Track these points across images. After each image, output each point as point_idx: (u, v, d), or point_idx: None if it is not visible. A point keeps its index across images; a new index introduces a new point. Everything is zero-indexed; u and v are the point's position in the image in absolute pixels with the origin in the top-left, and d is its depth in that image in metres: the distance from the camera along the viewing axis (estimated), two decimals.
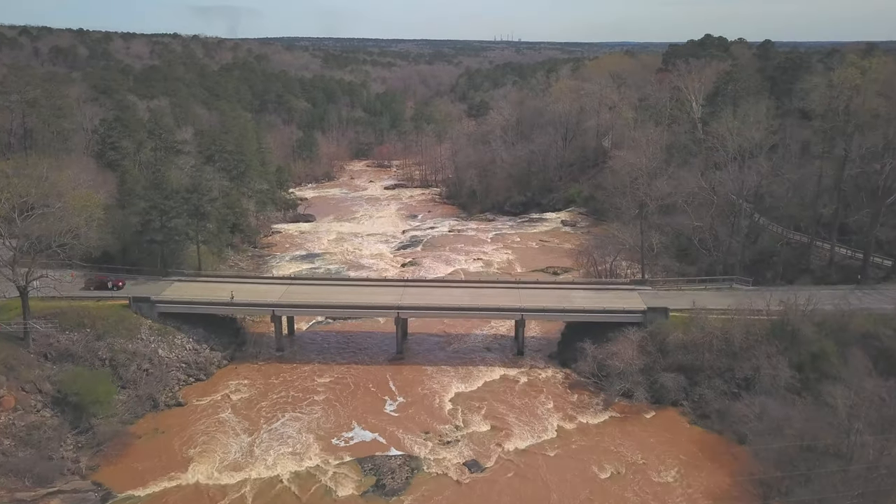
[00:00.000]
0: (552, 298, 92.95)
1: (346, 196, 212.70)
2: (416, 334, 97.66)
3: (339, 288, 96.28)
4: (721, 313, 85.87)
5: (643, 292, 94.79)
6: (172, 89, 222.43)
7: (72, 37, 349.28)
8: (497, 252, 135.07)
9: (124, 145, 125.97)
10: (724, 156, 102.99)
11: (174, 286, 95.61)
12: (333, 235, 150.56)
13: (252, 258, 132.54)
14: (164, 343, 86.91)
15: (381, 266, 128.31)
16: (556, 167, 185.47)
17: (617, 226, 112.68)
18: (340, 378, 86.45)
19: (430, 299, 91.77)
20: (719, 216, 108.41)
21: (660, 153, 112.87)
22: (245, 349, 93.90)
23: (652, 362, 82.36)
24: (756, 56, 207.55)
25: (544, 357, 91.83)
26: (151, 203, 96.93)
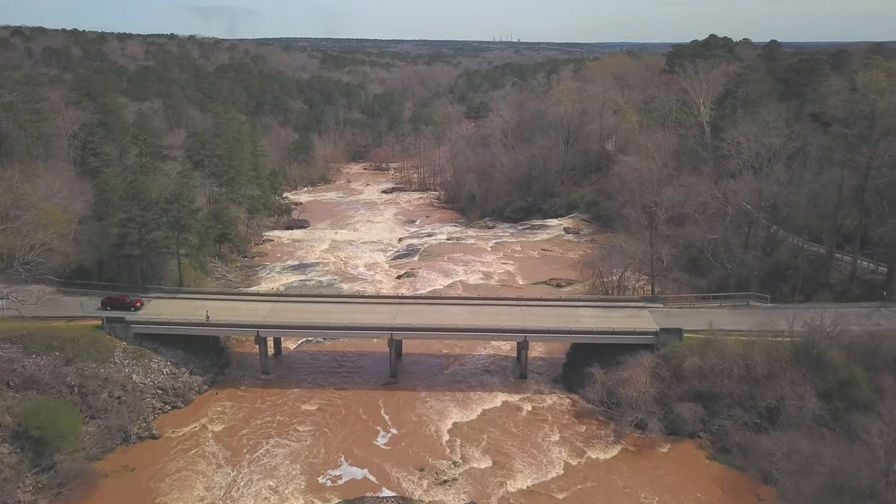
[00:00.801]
0: (557, 317, 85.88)
1: (342, 200, 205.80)
2: (411, 354, 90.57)
3: (329, 305, 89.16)
4: (739, 334, 79.05)
5: (654, 310, 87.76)
6: (166, 91, 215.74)
7: (66, 37, 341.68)
8: (497, 262, 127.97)
9: (106, 151, 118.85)
10: (740, 163, 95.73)
11: (153, 304, 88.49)
12: (327, 244, 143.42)
13: (241, 269, 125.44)
14: (140, 367, 79.76)
15: (376, 277, 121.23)
16: (557, 171, 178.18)
17: (624, 237, 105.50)
18: (329, 404, 79.43)
19: (425, 319, 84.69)
20: (732, 227, 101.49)
21: (670, 160, 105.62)
22: (228, 371, 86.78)
23: (666, 389, 75.31)
24: (761, 57, 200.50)
25: (549, 381, 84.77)
26: (128, 215, 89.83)
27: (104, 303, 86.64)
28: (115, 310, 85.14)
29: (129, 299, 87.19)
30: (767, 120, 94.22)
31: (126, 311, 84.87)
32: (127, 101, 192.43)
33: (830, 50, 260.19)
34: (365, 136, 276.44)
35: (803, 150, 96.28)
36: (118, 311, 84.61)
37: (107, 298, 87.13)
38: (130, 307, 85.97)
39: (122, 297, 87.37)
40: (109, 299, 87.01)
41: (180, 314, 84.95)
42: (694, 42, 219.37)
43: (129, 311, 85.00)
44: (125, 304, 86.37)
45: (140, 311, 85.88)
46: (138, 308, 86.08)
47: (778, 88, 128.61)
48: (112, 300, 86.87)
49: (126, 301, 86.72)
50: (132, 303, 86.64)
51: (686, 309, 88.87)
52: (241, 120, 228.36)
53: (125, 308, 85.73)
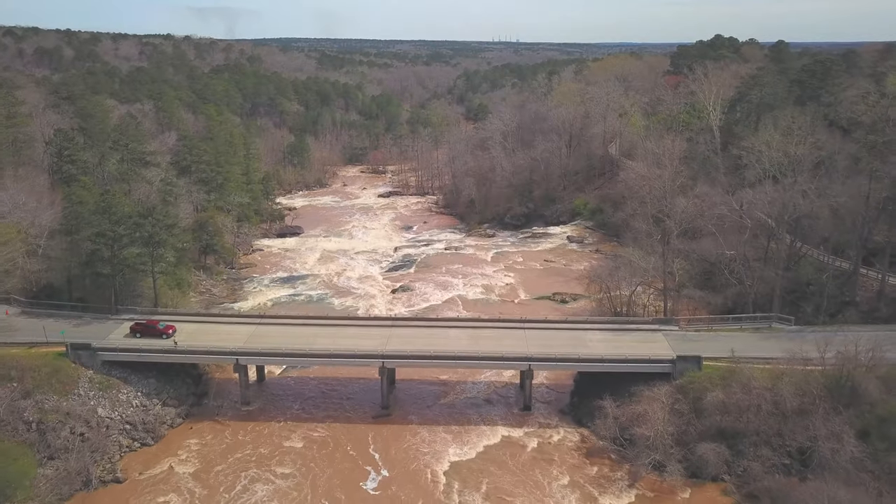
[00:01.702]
0: (564, 341, 78.01)
1: (337, 205, 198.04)
2: (405, 381, 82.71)
3: (316, 329, 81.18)
4: (764, 363, 71.34)
5: (669, 333, 80.00)
6: (158, 92, 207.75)
7: (58, 37, 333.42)
8: (498, 274, 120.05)
9: (83, 158, 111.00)
10: (760, 173, 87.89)
11: (124, 327, 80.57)
12: (318, 254, 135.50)
13: (227, 282, 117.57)
14: (106, 399, 71.93)
15: (370, 292, 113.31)
16: (559, 176, 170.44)
17: (633, 250, 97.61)
18: (315, 439, 71.67)
19: (420, 344, 76.75)
20: (750, 240, 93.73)
21: (683, 170, 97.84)
22: (206, 401, 78.83)
23: (685, 425, 67.56)
24: (769, 58, 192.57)
25: (555, 412, 76.90)
26: (99, 230, 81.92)
27: (133, 330, 78.57)
28: (145, 337, 77.47)
29: (160, 326, 78.77)
30: (792, 127, 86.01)
31: (158, 340, 77.14)
32: (116, 103, 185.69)
33: (839, 50, 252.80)
34: (362, 138, 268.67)
35: (829, 158, 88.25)
36: (149, 340, 77.12)
37: (135, 325, 78.88)
38: (162, 335, 77.79)
39: (152, 324, 78.96)
40: (138, 326, 78.74)
41: (153, 339, 77.07)
42: (699, 42, 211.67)
43: (161, 339, 77.25)
44: (156, 331, 78.11)
45: (143, 336, 78.43)
46: (170, 335, 77.92)
47: (793, 92, 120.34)
48: (141, 327, 78.53)
49: (157, 328, 78.38)
50: (164, 330, 78.29)
51: (703, 332, 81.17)
52: (234, 122, 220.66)
53: (157, 336, 77.69)
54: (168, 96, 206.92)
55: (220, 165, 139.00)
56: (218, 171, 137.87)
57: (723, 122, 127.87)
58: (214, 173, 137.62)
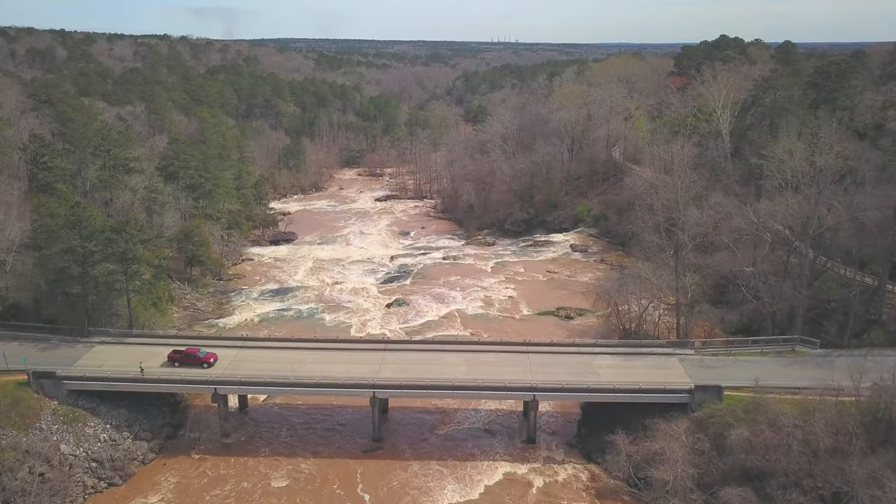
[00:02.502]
0: (571, 367, 71.23)
1: (333, 209, 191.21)
2: (398, 409, 75.77)
3: (303, 353, 74.20)
4: (791, 392, 64.68)
5: (684, 358, 73.25)
6: (150, 94, 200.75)
7: (52, 38, 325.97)
8: (498, 286, 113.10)
9: (61, 165, 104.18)
10: (781, 183, 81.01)
11: (95, 352, 73.79)
12: (311, 263, 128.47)
13: (213, 295, 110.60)
14: (71, 434, 65.09)
15: (363, 305, 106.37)
16: (561, 181, 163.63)
17: (642, 263, 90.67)
18: (301, 475, 65.01)
19: (415, 371, 69.91)
20: (767, 254, 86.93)
21: (697, 179, 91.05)
22: (182, 433, 71.90)
23: (706, 464, 60.76)
24: (775, 59, 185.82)
25: (562, 444, 70.06)
26: (68, 245, 75.01)
27: (171, 358, 71.45)
28: (184, 366, 70.40)
29: (201, 354, 71.65)
30: (817, 134, 79.00)
31: (198, 369, 70.38)
32: (105, 105, 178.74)
33: (845, 51, 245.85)
34: (359, 140, 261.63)
35: (854, 167, 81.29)
36: (189, 368, 70.27)
37: (174, 353, 71.70)
38: (202, 364, 70.84)
39: (191, 352, 71.86)
40: (176, 354, 71.58)
41: (124, 365, 70.26)
42: (703, 43, 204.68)
43: (202, 369, 70.48)
44: (196, 359, 71.15)
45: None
46: (211, 364, 71.07)
47: (809, 95, 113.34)
48: (179, 356, 71.41)
49: (197, 356, 71.29)
50: (204, 358, 71.24)
51: (722, 356, 74.41)
52: (228, 124, 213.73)
53: (196, 365, 70.73)
54: (161, 98, 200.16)
55: (208, 171, 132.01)
56: (206, 177, 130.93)
57: (733, 127, 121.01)
58: (203, 179, 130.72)
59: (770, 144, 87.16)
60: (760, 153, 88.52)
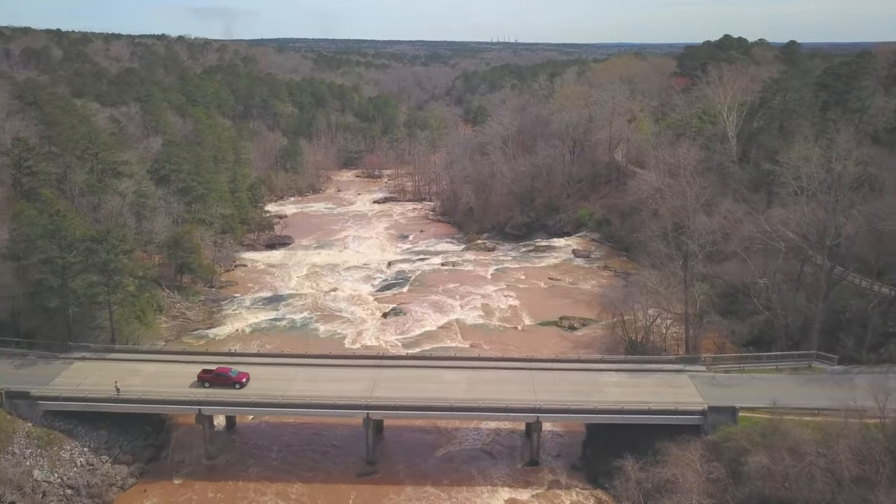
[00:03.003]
0: (575, 385, 67.12)
1: (330, 212, 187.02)
2: (394, 429, 71.55)
3: (292, 369, 70.07)
4: (810, 414, 60.61)
5: (695, 375, 69.10)
6: (146, 94, 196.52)
7: (48, 38, 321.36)
8: (499, 294, 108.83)
9: (46, 170, 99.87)
10: (797, 191, 76.85)
11: (73, 368, 69.63)
12: (305, 269, 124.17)
13: (204, 303, 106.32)
14: (46, 458, 60.91)
15: (359, 314, 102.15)
16: (562, 184, 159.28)
17: (649, 272, 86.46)
18: (291, 501, 60.76)
19: (411, 390, 65.74)
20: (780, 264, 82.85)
21: (707, 185, 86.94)
22: (166, 455, 67.54)
23: (721, 493, 56.67)
24: (780, 59, 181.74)
25: (566, 466, 65.89)
26: (46, 256, 70.82)
27: (201, 378, 66.95)
28: (215, 387, 65.99)
29: (232, 374, 67.11)
30: (835, 139, 74.74)
31: (230, 389, 66.06)
32: (99, 106, 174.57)
33: (849, 51, 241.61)
34: (357, 141, 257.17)
35: (876, 174, 77.12)
36: (220, 389, 65.92)
37: (202, 373, 67.15)
38: (235, 384, 66.43)
39: (222, 372, 67.15)
40: (206, 374, 67.01)
41: (105, 383, 66.01)
42: (706, 43, 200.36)
43: (234, 389, 66.17)
44: (228, 380, 66.66)
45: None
46: (244, 384, 66.76)
47: (820, 97, 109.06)
48: (210, 376, 66.81)
49: (228, 377, 66.82)
50: (236, 378, 66.82)
51: (734, 373, 70.26)
52: (224, 125, 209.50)
53: (228, 385, 66.27)
54: (156, 99, 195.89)
55: (199, 175, 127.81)
56: (199, 181, 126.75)
57: (740, 129, 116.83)
58: (195, 183, 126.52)
59: (783, 149, 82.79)
60: (774, 159, 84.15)
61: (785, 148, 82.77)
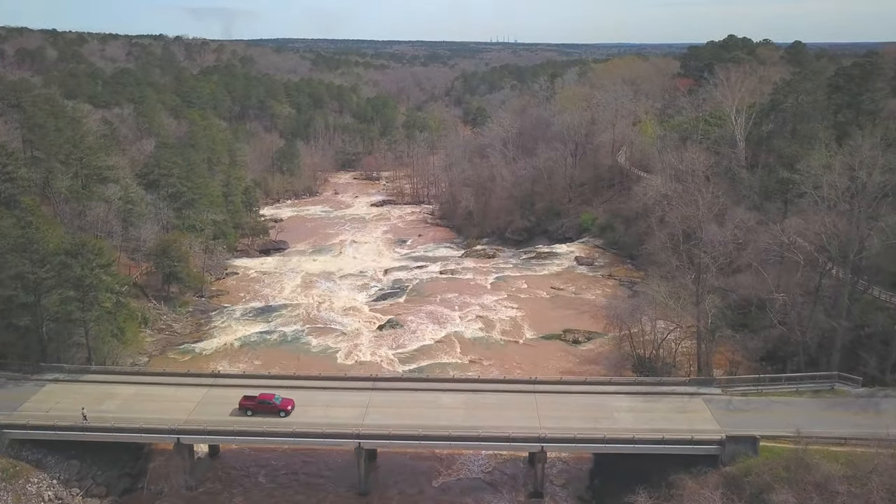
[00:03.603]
0: (583, 411, 62.09)
1: (327, 215, 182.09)
2: (388, 455, 66.47)
3: (280, 392, 64.77)
4: (836, 443, 55.70)
5: (711, 399, 64.10)
6: (140, 96, 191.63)
7: (43, 38, 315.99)
8: (499, 305, 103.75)
9: (26, 175, 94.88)
10: (817, 201, 71.80)
11: (45, 392, 64.60)
12: (299, 278, 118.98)
13: (192, 315, 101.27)
14: (10, 493, 55.83)
15: (353, 327, 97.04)
16: (564, 187, 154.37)
17: (658, 284, 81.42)
18: None
19: (406, 415, 60.80)
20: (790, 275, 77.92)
21: (720, 194, 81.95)
22: (142, 486, 62.39)
23: None
24: (786, 59, 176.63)
25: (572, 498, 60.92)
26: (16, 271, 65.78)
27: (242, 406, 61.35)
28: (258, 415, 60.39)
29: (276, 401, 61.37)
30: (860, 146, 69.58)
31: (275, 417, 60.72)
32: (90, 108, 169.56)
33: (850, 51, 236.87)
34: (355, 142, 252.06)
35: None
36: (264, 417, 60.44)
37: (244, 400, 61.43)
38: (279, 412, 60.95)
39: (266, 399, 61.47)
40: (248, 401, 61.33)
41: (78, 407, 60.90)
42: (710, 43, 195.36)
43: (279, 417, 60.80)
44: (272, 407, 61.12)
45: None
46: (289, 412, 61.27)
47: (834, 100, 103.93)
48: (252, 403, 61.16)
49: (272, 404, 61.21)
50: (281, 406, 61.25)
51: (752, 396, 65.15)
52: (220, 127, 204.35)
53: (272, 413, 60.82)
54: (150, 100, 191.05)
55: (189, 179, 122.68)
56: (188, 186, 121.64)
57: (748, 133, 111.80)
58: (185, 188, 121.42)
59: (802, 155, 77.67)
60: (791, 166, 79.02)
61: (804, 154, 77.56)
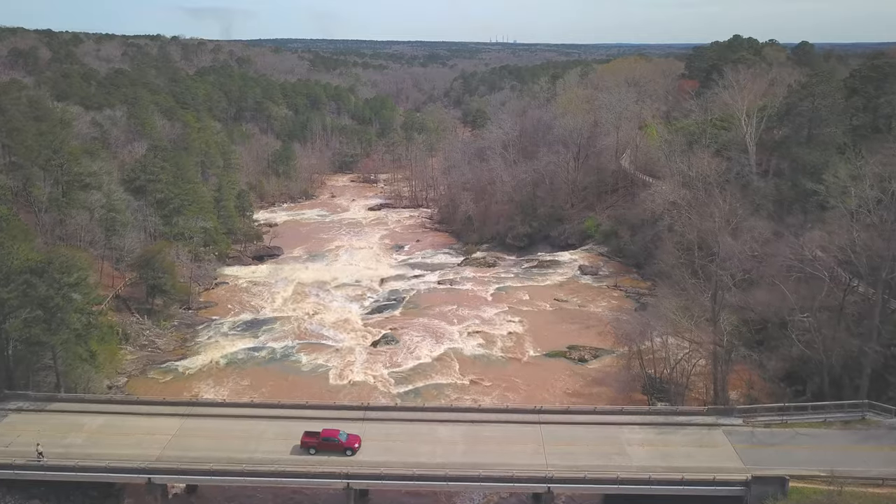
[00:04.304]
0: (592, 444, 56.42)
1: (322, 220, 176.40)
2: (381, 492, 60.64)
3: (262, 424, 59.24)
4: (874, 485, 50.17)
5: (731, 430, 58.41)
6: (133, 97, 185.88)
7: (38, 38, 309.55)
8: (500, 318, 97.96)
9: (2, 183, 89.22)
10: (847, 214, 66.13)
11: (6, 423, 58.86)
12: (291, 289, 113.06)
13: (178, 329, 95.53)
14: None
15: (346, 343, 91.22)
16: (566, 192, 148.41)
17: (668, 301, 75.84)
18: None
19: (400, 450, 55.20)
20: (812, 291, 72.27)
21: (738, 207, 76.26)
22: None
23: None
24: (792, 60, 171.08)
25: None
26: None
27: (305, 444, 55.17)
28: (322, 453, 54.32)
29: (342, 438, 55.28)
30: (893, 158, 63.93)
31: (341, 455, 54.65)
32: (81, 110, 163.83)
33: (859, 51, 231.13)
34: (353, 144, 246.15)
35: None
36: (328, 455, 54.32)
37: (307, 437, 55.26)
38: (346, 450, 54.86)
39: (329, 435, 55.34)
40: (311, 438, 55.18)
41: (42, 440, 55.14)
42: (715, 43, 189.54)
43: (345, 456, 54.65)
44: (338, 445, 54.94)
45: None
46: (356, 450, 55.09)
47: (853, 103, 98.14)
48: (315, 440, 55.07)
49: (337, 441, 55.04)
50: (347, 444, 55.09)
51: (776, 427, 59.40)
52: (215, 128, 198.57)
53: (338, 451, 54.74)
54: (144, 101, 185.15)
55: (177, 185, 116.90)
56: (176, 192, 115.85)
57: (760, 138, 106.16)
58: (172, 194, 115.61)
59: (825, 163, 71.98)
60: (815, 175, 73.34)
61: (826, 162, 71.86)
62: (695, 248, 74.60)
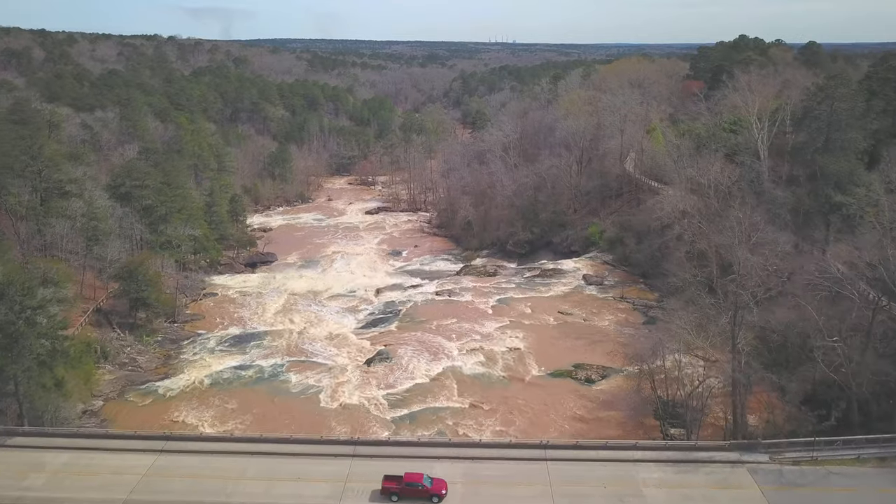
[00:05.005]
0: (605, 486, 50.79)
1: (318, 224, 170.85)
2: None
3: (243, 461, 53.57)
4: None
5: (757, 469, 52.80)
6: (126, 98, 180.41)
7: (32, 38, 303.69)
8: (501, 333, 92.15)
9: None
10: (877, 228, 60.52)
11: None
12: (283, 300, 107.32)
13: (161, 344, 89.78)
14: None
15: (339, 360, 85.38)
16: (569, 197, 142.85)
17: (683, 316, 70.07)
18: None
19: None
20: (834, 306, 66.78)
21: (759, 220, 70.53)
22: None
23: None
24: (798, 61, 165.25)
25: None
26: None
27: (385, 491, 49.33)
28: (405, 500, 48.79)
29: (426, 483, 49.43)
30: None
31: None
32: (71, 112, 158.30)
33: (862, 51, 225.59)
34: (350, 146, 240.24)
35: None
36: (412, 502, 48.54)
37: (387, 482, 49.59)
38: (432, 497, 48.95)
39: (413, 480, 49.58)
40: (391, 483, 49.55)
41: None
42: (721, 44, 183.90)
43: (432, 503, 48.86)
44: (424, 492, 49.15)
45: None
46: (443, 497, 49.15)
47: (874, 106, 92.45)
48: (399, 486, 49.29)
49: (422, 488, 49.22)
50: (434, 490, 49.24)
51: (805, 464, 53.75)
52: (209, 130, 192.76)
53: (424, 499, 48.95)
54: (137, 102, 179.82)
55: (163, 192, 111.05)
56: (162, 199, 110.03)
57: (771, 142, 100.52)
58: (159, 201, 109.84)
59: (853, 172, 66.27)
60: (842, 185, 67.66)
61: (854, 171, 66.18)
62: (712, 265, 68.77)
